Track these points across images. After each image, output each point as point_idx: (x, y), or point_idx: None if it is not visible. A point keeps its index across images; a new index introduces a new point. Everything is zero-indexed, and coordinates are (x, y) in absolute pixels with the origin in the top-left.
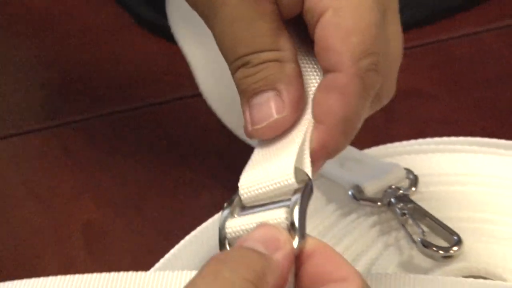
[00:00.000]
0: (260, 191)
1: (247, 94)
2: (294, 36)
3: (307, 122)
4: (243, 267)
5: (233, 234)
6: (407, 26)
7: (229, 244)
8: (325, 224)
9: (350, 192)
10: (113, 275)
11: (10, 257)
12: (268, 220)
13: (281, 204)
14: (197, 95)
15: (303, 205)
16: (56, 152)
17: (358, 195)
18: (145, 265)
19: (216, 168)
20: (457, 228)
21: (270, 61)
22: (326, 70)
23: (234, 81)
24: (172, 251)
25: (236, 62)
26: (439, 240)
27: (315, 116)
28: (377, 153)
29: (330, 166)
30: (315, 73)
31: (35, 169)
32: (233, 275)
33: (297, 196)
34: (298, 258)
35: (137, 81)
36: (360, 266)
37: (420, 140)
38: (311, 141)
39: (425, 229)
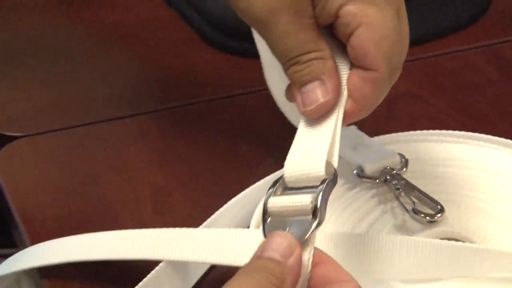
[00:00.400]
0: (298, 177)
1: (298, 84)
2: (327, 38)
3: (342, 104)
4: (266, 273)
5: (273, 209)
6: (412, 41)
7: (269, 216)
8: (335, 195)
9: (354, 171)
10: (171, 230)
11: (97, 215)
12: (297, 203)
13: (311, 190)
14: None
15: (325, 194)
16: (134, 135)
17: (361, 173)
18: (199, 223)
19: (263, 150)
20: (440, 199)
21: (314, 59)
22: (362, 68)
23: (287, 77)
24: (217, 212)
25: (288, 62)
26: (426, 209)
27: (353, 98)
28: (379, 141)
29: (345, 149)
30: (344, 67)
31: (116, 149)
32: (260, 278)
33: (322, 186)
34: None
35: (198, 82)
36: (361, 228)
37: (412, 132)
38: (345, 111)
39: (415, 200)
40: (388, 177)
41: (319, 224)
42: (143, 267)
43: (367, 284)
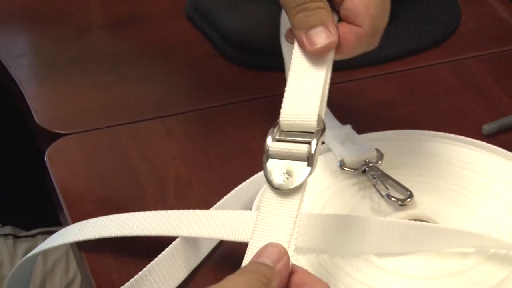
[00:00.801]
0: (293, 124)
1: (305, 28)
2: None
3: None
4: (258, 274)
5: (273, 152)
6: (388, 59)
7: (269, 157)
8: (322, 183)
9: (338, 163)
10: (186, 211)
11: (128, 199)
12: (295, 150)
13: (305, 138)
14: (256, 99)
15: (318, 144)
16: (161, 133)
17: (343, 165)
18: (212, 206)
19: None
20: (412, 187)
21: (320, 8)
22: (350, 23)
23: (292, 22)
24: (225, 197)
25: (297, 8)
26: (398, 195)
27: (340, 42)
28: (365, 138)
29: (335, 143)
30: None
31: (146, 144)
32: (251, 277)
33: (315, 138)
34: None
35: (216, 90)
36: (344, 210)
37: (394, 131)
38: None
39: (389, 187)
40: (366, 168)
41: (311, 171)
42: (164, 241)
43: (348, 257)
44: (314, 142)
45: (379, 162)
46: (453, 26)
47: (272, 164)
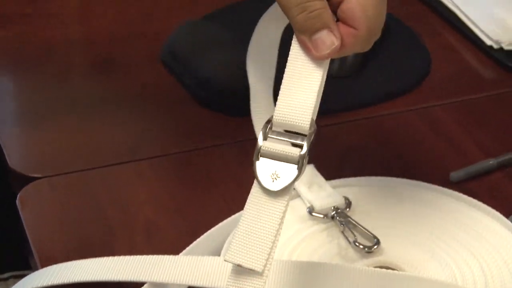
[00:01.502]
0: (286, 124)
1: (309, 32)
2: None
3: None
4: None
5: (264, 151)
6: (358, 105)
7: (261, 156)
8: (291, 229)
9: (307, 209)
10: (155, 256)
11: (98, 244)
12: (287, 152)
13: (296, 140)
14: (227, 144)
15: (308, 149)
16: (132, 177)
17: (312, 210)
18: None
19: (236, 191)
20: (380, 234)
21: (321, 8)
22: (347, 25)
23: (294, 24)
24: (194, 242)
25: (297, 8)
26: (366, 241)
27: (342, 43)
28: (332, 184)
29: (302, 187)
30: None
31: (117, 189)
32: None
33: (306, 143)
34: None
35: (187, 134)
36: (313, 257)
37: (358, 178)
38: None
39: (356, 234)
40: (334, 215)
41: (299, 175)
42: (133, 287)
43: None
44: (305, 145)
45: (348, 208)
46: (423, 74)
47: (262, 163)
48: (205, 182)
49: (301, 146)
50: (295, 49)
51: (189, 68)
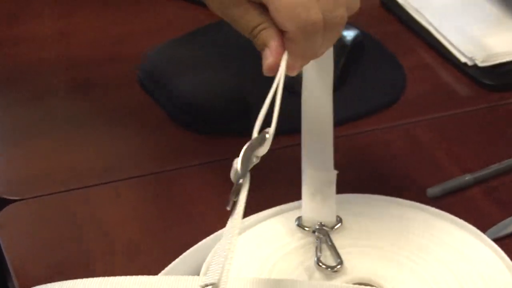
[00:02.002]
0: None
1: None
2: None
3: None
4: None
5: None
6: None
7: None
8: (283, 239)
9: (296, 221)
10: (134, 277)
11: (79, 265)
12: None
13: None
14: (204, 164)
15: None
16: (111, 198)
17: (299, 223)
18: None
19: (215, 211)
20: (355, 250)
21: (262, 30)
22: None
23: None
24: (173, 262)
25: (249, 37)
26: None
27: (288, 50)
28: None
29: (306, 195)
30: None
31: (96, 209)
32: None
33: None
34: None
35: (165, 155)
36: (296, 272)
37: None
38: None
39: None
40: (317, 228)
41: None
42: None
43: None
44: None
45: (335, 226)
46: (399, 91)
47: None
48: (183, 201)
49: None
50: None
51: (165, 88)
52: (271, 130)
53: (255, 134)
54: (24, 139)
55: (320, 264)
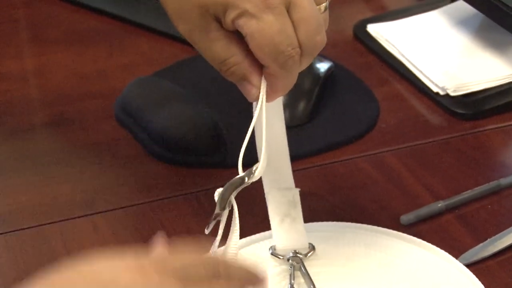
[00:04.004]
0: None
1: (236, 83)
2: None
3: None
4: None
5: None
6: (308, 154)
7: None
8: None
9: (270, 249)
10: None
11: None
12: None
13: None
14: (181, 195)
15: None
16: (88, 231)
17: (273, 251)
18: None
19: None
20: (330, 276)
21: (233, 65)
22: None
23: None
24: None
25: (217, 68)
26: None
27: (269, 83)
28: None
29: (274, 220)
30: None
31: (73, 242)
32: None
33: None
34: None
35: (142, 188)
36: None
37: (308, 224)
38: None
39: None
40: (291, 256)
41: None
42: None
43: None
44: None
45: (308, 254)
46: (372, 121)
47: None
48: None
49: None
50: None
51: (141, 122)
52: (259, 168)
53: (240, 168)
54: (1, 174)
55: None
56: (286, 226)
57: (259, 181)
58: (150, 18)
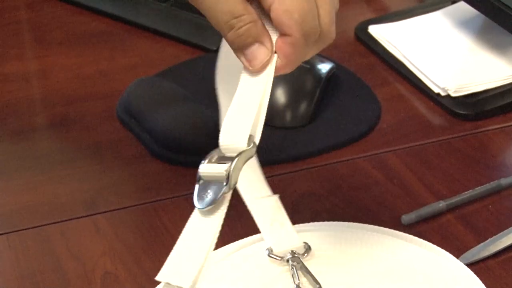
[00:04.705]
0: (228, 147)
1: (241, 48)
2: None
3: (270, 74)
4: None
5: (201, 174)
6: (309, 155)
7: (200, 179)
8: (252, 273)
9: (266, 251)
10: None
11: None
12: (216, 171)
13: (227, 160)
14: (181, 196)
15: (238, 163)
16: (90, 231)
17: (271, 252)
18: None
19: None
20: (331, 276)
21: (249, 23)
22: (281, 33)
23: (228, 42)
24: None
25: (226, 26)
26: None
27: (279, 56)
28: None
29: (263, 224)
30: (272, 31)
31: (75, 242)
32: None
33: (236, 159)
34: None
35: (144, 188)
36: None
37: (310, 223)
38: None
39: (303, 278)
40: (289, 258)
41: (229, 189)
42: None
43: None
44: (235, 161)
45: (306, 254)
46: (374, 122)
47: (200, 187)
48: (162, 234)
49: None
50: (242, 71)
51: (142, 123)
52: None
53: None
54: (3, 174)
55: None
56: (276, 231)
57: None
58: (151, 19)
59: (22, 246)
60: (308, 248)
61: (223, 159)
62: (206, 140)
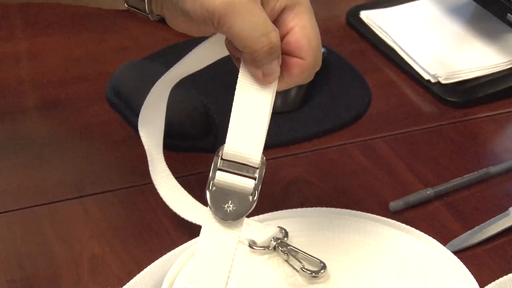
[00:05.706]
0: (236, 155)
1: (263, 64)
2: None
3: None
4: None
5: (218, 182)
6: (299, 140)
7: (214, 186)
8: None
9: (246, 243)
10: None
11: (44, 278)
12: (242, 183)
13: (248, 172)
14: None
15: (260, 180)
16: (78, 213)
17: (254, 245)
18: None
19: (178, 227)
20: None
21: (276, 40)
22: (293, 56)
23: (256, 56)
24: (137, 275)
25: (262, 40)
26: (311, 267)
27: (285, 74)
28: (273, 216)
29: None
30: None
31: (63, 225)
32: None
33: (259, 173)
34: None
35: (132, 171)
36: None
37: (298, 209)
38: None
39: (302, 261)
40: (276, 245)
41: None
42: None
43: None
44: (258, 178)
45: (285, 238)
46: (364, 108)
47: (215, 194)
48: (150, 217)
49: (254, 178)
50: (242, 80)
51: (132, 105)
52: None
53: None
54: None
55: (305, 270)
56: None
57: None
58: None
59: (9, 228)
60: (285, 233)
61: (234, 167)
62: (196, 124)
